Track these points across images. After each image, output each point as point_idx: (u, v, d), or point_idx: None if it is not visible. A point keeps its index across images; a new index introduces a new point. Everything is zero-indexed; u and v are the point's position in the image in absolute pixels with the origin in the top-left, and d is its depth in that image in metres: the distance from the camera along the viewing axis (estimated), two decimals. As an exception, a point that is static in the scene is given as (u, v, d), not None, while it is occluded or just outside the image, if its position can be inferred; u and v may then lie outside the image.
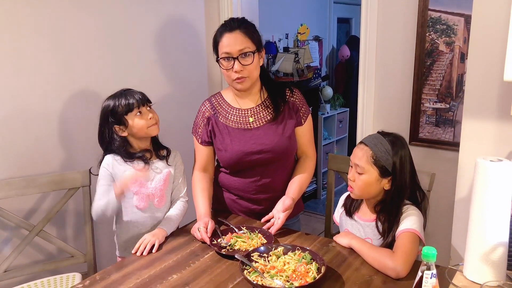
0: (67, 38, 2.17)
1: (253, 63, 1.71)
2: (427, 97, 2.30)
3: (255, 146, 1.76)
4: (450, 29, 2.17)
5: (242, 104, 1.82)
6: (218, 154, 1.84)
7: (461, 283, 1.17)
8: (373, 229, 1.55)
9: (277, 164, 1.80)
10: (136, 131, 1.78)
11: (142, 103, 1.77)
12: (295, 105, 1.84)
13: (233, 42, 1.68)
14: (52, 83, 2.13)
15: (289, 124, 1.81)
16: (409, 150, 1.53)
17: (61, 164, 2.20)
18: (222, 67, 1.72)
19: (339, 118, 4.81)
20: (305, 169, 1.85)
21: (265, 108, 1.81)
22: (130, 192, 1.79)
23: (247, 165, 1.78)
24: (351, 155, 1.57)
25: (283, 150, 1.79)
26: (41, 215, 2.00)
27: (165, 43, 2.69)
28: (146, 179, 1.80)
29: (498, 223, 1.11)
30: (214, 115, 1.83)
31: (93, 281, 1.41)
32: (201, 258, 1.53)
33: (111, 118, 1.77)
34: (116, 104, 1.76)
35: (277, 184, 1.82)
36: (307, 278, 1.32)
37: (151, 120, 1.78)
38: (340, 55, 5.11)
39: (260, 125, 1.79)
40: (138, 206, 1.81)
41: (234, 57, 1.68)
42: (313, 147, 1.92)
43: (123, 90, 1.81)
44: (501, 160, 1.11)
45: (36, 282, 1.90)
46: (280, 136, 1.78)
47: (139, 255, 1.58)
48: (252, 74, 1.72)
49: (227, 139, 1.79)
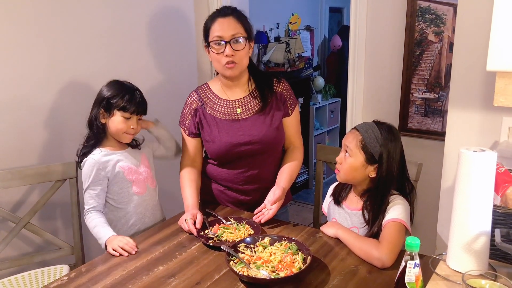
0: (54, 28, 2.14)
1: (244, 49, 1.71)
2: (416, 87, 2.30)
3: (243, 137, 1.76)
4: (439, 19, 2.17)
5: (230, 95, 1.82)
6: (206, 145, 1.83)
7: (444, 272, 1.17)
8: (359, 218, 1.55)
9: (265, 155, 1.80)
10: (111, 129, 1.75)
11: (137, 112, 1.76)
12: (283, 96, 1.83)
13: (226, 27, 1.68)
14: (39, 74, 2.11)
15: (277, 115, 1.81)
16: (401, 142, 1.53)
17: (49, 156, 2.18)
18: (212, 51, 1.70)
19: (331, 108, 4.81)
20: (294, 159, 1.85)
21: (253, 99, 1.80)
22: (128, 181, 1.78)
23: (235, 156, 1.78)
24: (344, 138, 1.58)
25: (271, 141, 1.79)
26: (28, 207, 1.98)
27: (154, 33, 2.66)
28: (135, 165, 1.81)
29: (481, 213, 1.12)
30: (202, 106, 1.82)
31: (78, 273, 1.40)
32: (187, 249, 1.53)
33: (104, 102, 1.74)
34: (118, 94, 1.73)
35: (265, 175, 1.82)
36: (292, 269, 1.32)
37: (131, 130, 1.75)
38: (332, 45, 5.09)
39: (248, 116, 1.78)
40: (138, 192, 1.81)
41: (226, 41, 1.67)
42: (300, 137, 1.92)
43: (132, 86, 1.79)
44: (484, 150, 1.11)
45: (23, 275, 1.90)
46: (268, 127, 1.77)
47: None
48: (242, 61, 1.72)
49: (215, 130, 1.78)
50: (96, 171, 1.71)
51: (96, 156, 1.73)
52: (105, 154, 1.75)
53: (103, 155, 1.74)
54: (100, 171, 1.72)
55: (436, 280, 1.15)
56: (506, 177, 1.24)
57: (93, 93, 2.32)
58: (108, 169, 1.74)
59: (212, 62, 1.76)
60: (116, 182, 1.76)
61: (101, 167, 1.72)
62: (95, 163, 1.72)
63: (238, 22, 1.70)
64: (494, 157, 1.09)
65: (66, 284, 1.35)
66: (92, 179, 1.72)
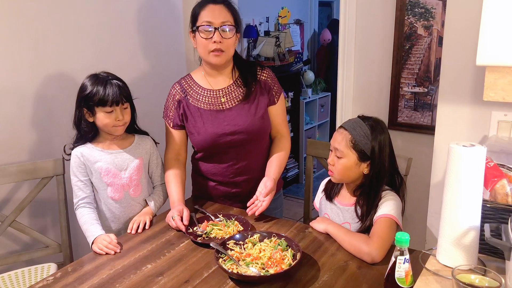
0: (40, 19, 2.09)
1: (232, 38, 1.70)
2: (405, 81, 2.29)
3: (228, 127, 1.74)
4: (429, 13, 2.16)
5: (214, 84, 1.79)
6: (191, 137, 1.81)
7: (434, 267, 1.17)
8: (352, 214, 1.55)
9: (251, 145, 1.79)
10: (100, 126, 1.72)
11: (117, 102, 1.67)
12: (267, 84, 1.82)
13: (217, 13, 1.66)
14: (25, 69, 2.06)
15: (262, 104, 1.79)
16: (389, 134, 1.53)
17: (35, 153, 2.15)
18: (200, 36, 1.67)
19: (321, 102, 4.81)
20: (282, 148, 1.84)
21: (237, 87, 1.79)
22: (104, 183, 1.75)
23: (221, 147, 1.76)
24: (331, 139, 1.56)
25: (257, 131, 1.78)
26: (14, 205, 1.95)
27: (141, 24, 2.62)
28: (119, 169, 1.76)
29: (470, 208, 1.11)
30: (185, 97, 1.79)
31: (64, 273, 1.38)
32: (176, 247, 1.52)
33: (83, 102, 1.69)
34: (92, 91, 1.66)
35: (253, 165, 1.81)
36: (282, 265, 1.32)
37: (117, 122, 1.69)
38: (322, 39, 5.07)
39: (232, 105, 1.77)
40: (113, 197, 1.76)
41: (215, 27, 1.65)
42: (287, 126, 1.91)
43: (107, 76, 1.70)
44: (474, 145, 1.11)
45: (10, 273, 1.86)
46: (253, 116, 1.76)
47: (134, 233, 1.63)
48: (229, 50, 1.71)
49: (199, 121, 1.76)
50: (80, 162, 1.72)
51: (81, 149, 1.73)
52: (90, 149, 1.74)
53: (88, 148, 1.74)
54: (82, 162, 1.72)
55: (426, 275, 1.15)
56: (495, 171, 1.24)
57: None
58: (89, 164, 1.73)
59: (197, 48, 1.73)
60: (93, 179, 1.75)
61: (83, 159, 1.72)
62: (79, 154, 1.72)
63: (228, 11, 1.69)
64: (484, 152, 1.09)
65: (51, 284, 1.32)
66: (77, 170, 1.72)
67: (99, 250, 1.50)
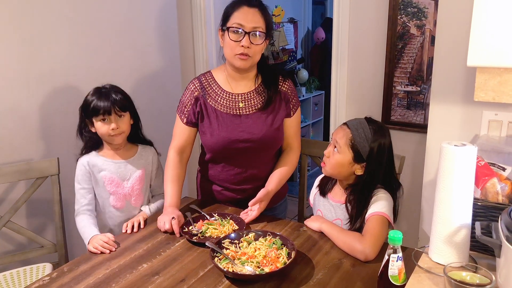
0: (32, 22, 2.09)
1: (261, 45, 1.67)
2: (398, 80, 2.31)
3: (242, 134, 1.71)
4: (421, 12, 2.18)
5: (234, 88, 1.76)
6: (202, 137, 1.78)
7: (426, 264, 1.19)
8: (343, 210, 1.56)
9: (262, 154, 1.77)
10: (99, 135, 1.76)
11: (109, 111, 1.70)
12: (286, 96, 1.79)
13: (250, 18, 1.62)
14: (17, 70, 2.06)
15: (279, 115, 1.77)
16: (391, 141, 1.53)
17: (29, 153, 2.14)
18: (229, 37, 1.63)
19: (315, 101, 4.82)
20: (287, 162, 1.81)
21: (257, 95, 1.75)
22: (107, 192, 1.79)
23: (232, 152, 1.74)
24: (334, 132, 1.57)
25: (270, 141, 1.76)
26: (9, 205, 1.94)
27: (135, 25, 2.62)
28: (121, 178, 1.80)
29: (462, 206, 1.13)
30: (203, 95, 1.75)
31: (60, 273, 1.38)
32: (172, 246, 1.52)
33: (83, 112, 1.76)
34: (89, 101, 1.73)
35: (262, 173, 1.80)
36: (277, 264, 1.33)
37: (113, 130, 1.72)
38: (316, 38, 5.09)
39: (250, 112, 1.74)
40: (115, 206, 1.81)
41: (246, 31, 1.61)
42: (299, 139, 1.88)
43: (105, 88, 1.76)
44: (465, 144, 1.12)
45: (5, 274, 1.86)
46: (269, 127, 1.73)
47: (130, 232, 1.63)
48: (255, 55, 1.68)
49: (214, 123, 1.73)
50: (85, 170, 1.76)
51: (87, 158, 1.78)
52: (95, 158, 1.78)
53: (94, 157, 1.78)
54: (87, 171, 1.76)
55: (419, 272, 1.17)
56: (486, 170, 1.26)
57: (73, 89, 2.30)
58: (94, 173, 1.77)
59: (224, 48, 1.69)
60: (96, 188, 1.79)
61: (88, 168, 1.76)
62: (85, 163, 1.77)
63: (262, 16, 1.65)
64: (475, 151, 1.11)
65: (47, 284, 1.32)
66: (82, 178, 1.76)
67: (94, 249, 1.51)
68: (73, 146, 1.86)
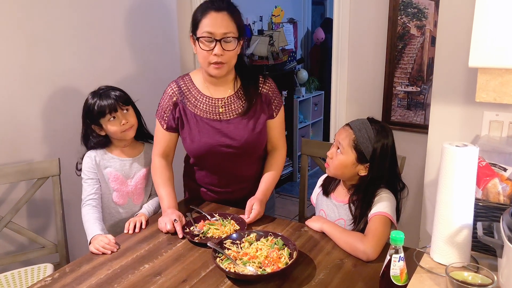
0: (34, 23, 2.09)
1: (235, 50, 1.62)
2: (398, 81, 2.32)
3: (223, 139, 1.70)
4: (421, 13, 2.19)
5: (214, 92, 1.73)
6: (184, 143, 1.77)
7: (428, 265, 1.19)
8: (346, 210, 1.57)
9: (245, 158, 1.77)
10: (112, 135, 1.78)
11: (115, 108, 1.73)
12: (268, 97, 1.76)
13: (219, 23, 1.56)
14: (18, 70, 2.06)
15: (261, 119, 1.74)
16: (393, 141, 1.53)
17: (30, 153, 2.14)
18: (201, 48, 1.59)
19: (314, 101, 4.83)
20: (273, 166, 1.81)
21: (237, 99, 1.72)
22: (110, 188, 1.81)
23: (214, 157, 1.74)
24: (336, 134, 1.57)
25: (253, 146, 1.75)
26: (10, 206, 1.94)
27: (135, 26, 2.62)
28: (126, 176, 1.83)
29: (463, 207, 1.14)
30: (182, 100, 1.73)
31: (62, 273, 1.38)
32: (173, 246, 1.52)
33: (88, 119, 1.77)
34: (91, 105, 1.74)
35: (247, 175, 1.81)
36: (279, 264, 1.33)
37: (124, 126, 1.75)
38: (315, 38, 5.09)
39: (231, 117, 1.72)
40: (117, 202, 1.83)
41: (217, 39, 1.57)
42: (283, 139, 1.86)
43: (102, 89, 1.78)
44: (466, 145, 1.13)
45: (6, 274, 1.86)
46: (250, 132, 1.71)
47: (131, 232, 1.63)
48: (230, 61, 1.64)
49: (194, 129, 1.72)
50: (92, 163, 1.78)
51: (95, 152, 1.80)
52: (102, 154, 1.81)
53: (101, 153, 1.81)
54: (94, 164, 1.78)
55: (420, 272, 1.17)
56: (487, 171, 1.26)
57: (74, 89, 2.30)
58: (100, 168, 1.79)
59: (198, 56, 1.66)
60: (101, 182, 1.81)
61: (95, 162, 1.78)
62: (92, 157, 1.79)
63: (231, 19, 1.59)
64: (476, 152, 1.11)
65: (50, 284, 1.33)
66: (87, 170, 1.78)
67: (95, 250, 1.51)
68: (74, 147, 1.87)
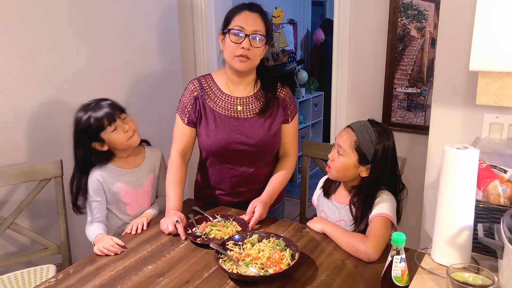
0: (35, 23, 2.10)
1: (261, 48, 1.70)
2: (399, 82, 2.33)
3: (239, 136, 1.73)
4: (421, 15, 2.20)
5: (233, 91, 1.78)
6: (199, 139, 1.79)
7: (429, 266, 1.21)
8: (347, 212, 1.58)
9: (258, 158, 1.79)
10: (117, 146, 1.74)
11: (113, 117, 1.68)
12: (285, 102, 1.81)
13: (251, 21, 1.66)
14: (20, 71, 2.07)
15: (277, 121, 1.79)
16: (394, 143, 1.54)
17: (33, 155, 2.15)
18: (230, 39, 1.66)
19: (314, 102, 4.84)
20: (282, 171, 1.82)
21: (256, 100, 1.78)
22: (122, 202, 1.80)
23: (228, 154, 1.75)
24: (337, 136, 1.58)
25: (267, 146, 1.77)
26: (13, 207, 1.95)
27: (136, 28, 2.63)
28: (135, 187, 1.81)
29: (464, 208, 1.15)
30: (202, 96, 1.77)
31: (66, 274, 1.39)
32: (176, 248, 1.53)
33: (86, 136, 1.69)
34: (86, 121, 1.67)
35: (256, 177, 1.82)
36: (281, 265, 1.34)
37: (128, 133, 1.72)
38: (315, 39, 5.10)
39: (248, 116, 1.76)
40: (130, 214, 1.83)
41: (247, 34, 1.65)
42: (295, 147, 1.89)
43: (91, 103, 1.71)
44: (467, 147, 1.14)
45: (9, 275, 1.87)
46: (266, 131, 1.75)
47: (134, 233, 1.65)
48: (255, 58, 1.70)
49: (211, 124, 1.75)
50: (98, 184, 1.75)
51: (100, 171, 1.75)
52: (108, 170, 1.77)
53: (107, 170, 1.76)
54: (100, 184, 1.75)
55: (422, 273, 1.18)
56: (487, 172, 1.28)
57: (76, 90, 2.31)
58: (108, 185, 1.76)
59: (224, 51, 1.72)
60: (111, 198, 1.79)
61: (102, 181, 1.75)
62: (99, 177, 1.75)
63: (262, 21, 1.69)
64: (477, 154, 1.12)
65: (54, 286, 1.34)
66: (94, 192, 1.75)
67: (99, 252, 1.52)
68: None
